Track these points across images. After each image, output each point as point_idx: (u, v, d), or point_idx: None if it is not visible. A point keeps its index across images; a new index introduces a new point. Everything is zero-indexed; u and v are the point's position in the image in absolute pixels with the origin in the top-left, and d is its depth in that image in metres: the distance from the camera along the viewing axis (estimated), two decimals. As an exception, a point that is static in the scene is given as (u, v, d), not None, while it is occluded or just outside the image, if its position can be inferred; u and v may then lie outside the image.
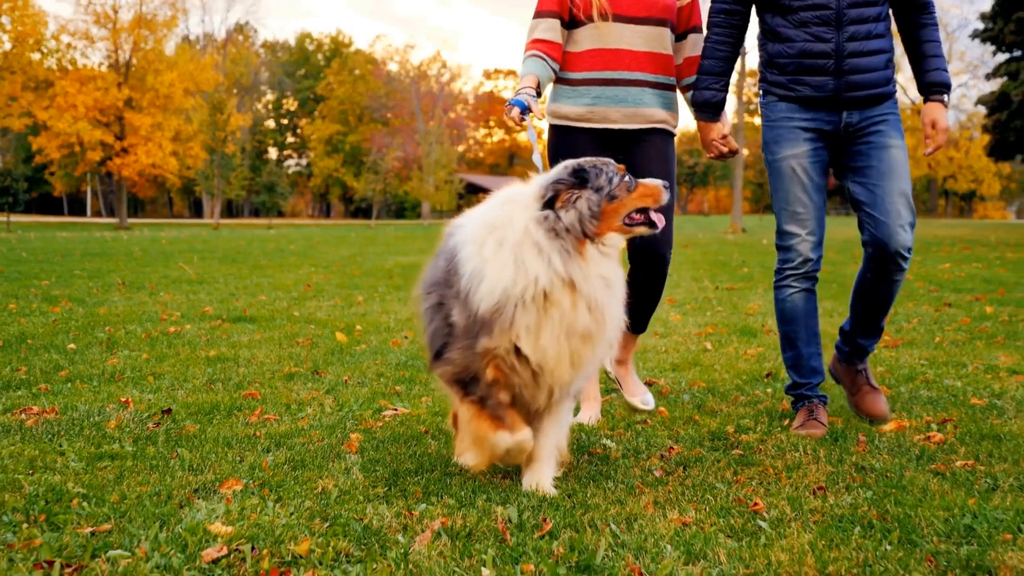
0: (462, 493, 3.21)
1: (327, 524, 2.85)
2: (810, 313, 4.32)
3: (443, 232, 3.39)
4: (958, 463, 3.57)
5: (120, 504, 3.00)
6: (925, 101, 4.26)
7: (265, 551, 2.61)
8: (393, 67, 75.64)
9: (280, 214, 71.51)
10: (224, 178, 52.04)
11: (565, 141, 4.25)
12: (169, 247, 21.34)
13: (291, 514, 2.93)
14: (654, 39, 4.21)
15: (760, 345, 6.73)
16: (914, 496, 3.18)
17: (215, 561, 2.54)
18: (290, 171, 78.77)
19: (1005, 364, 5.84)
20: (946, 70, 4.22)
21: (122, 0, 47.32)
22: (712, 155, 4.38)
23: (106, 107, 44.85)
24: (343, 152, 73.95)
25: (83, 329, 7.07)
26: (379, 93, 72.68)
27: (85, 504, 2.99)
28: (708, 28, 4.26)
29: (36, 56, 45.49)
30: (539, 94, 4.10)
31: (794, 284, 4.29)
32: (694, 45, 4.43)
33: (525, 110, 3.86)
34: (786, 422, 4.36)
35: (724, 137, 4.30)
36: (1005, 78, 34.88)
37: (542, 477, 3.27)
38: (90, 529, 2.76)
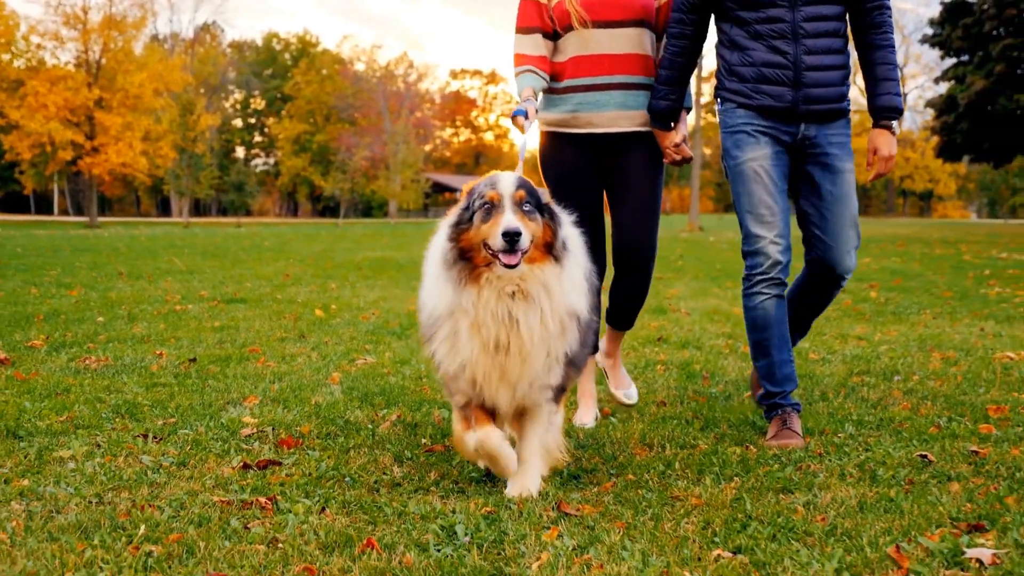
0: (413, 403, 4.65)
1: (319, 420, 4.26)
2: (781, 320, 4.17)
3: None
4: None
5: (178, 409, 4.41)
6: (873, 126, 4.22)
7: (281, 430, 4.03)
8: (360, 67, 76.32)
9: (248, 213, 72.12)
10: (193, 177, 52.86)
11: (551, 147, 4.38)
12: (149, 244, 22.53)
13: (295, 415, 4.34)
14: (634, 41, 4.23)
15: (665, 320, 8.17)
16: (725, 406, 4.64)
17: (249, 435, 3.96)
18: (258, 170, 78.94)
19: (857, 333, 7.31)
20: (898, 94, 4.16)
21: (92, 1, 47.65)
22: (666, 161, 4.39)
23: (76, 107, 45.14)
24: (311, 151, 74.11)
25: (103, 308, 8.40)
26: (346, 93, 72.87)
27: (154, 409, 4.39)
28: (667, 37, 4.22)
29: (6, 56, 46.00)
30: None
31: (765, 291, 4.12)
32: None
33: (525, 115, 3.98)
34: (694, 391, 5.81)
35: (677, 145, 4.29)
36: (952, 82, 36.18)
37: (526, 478, 3.28)
38: (162, 421, 4.17)
